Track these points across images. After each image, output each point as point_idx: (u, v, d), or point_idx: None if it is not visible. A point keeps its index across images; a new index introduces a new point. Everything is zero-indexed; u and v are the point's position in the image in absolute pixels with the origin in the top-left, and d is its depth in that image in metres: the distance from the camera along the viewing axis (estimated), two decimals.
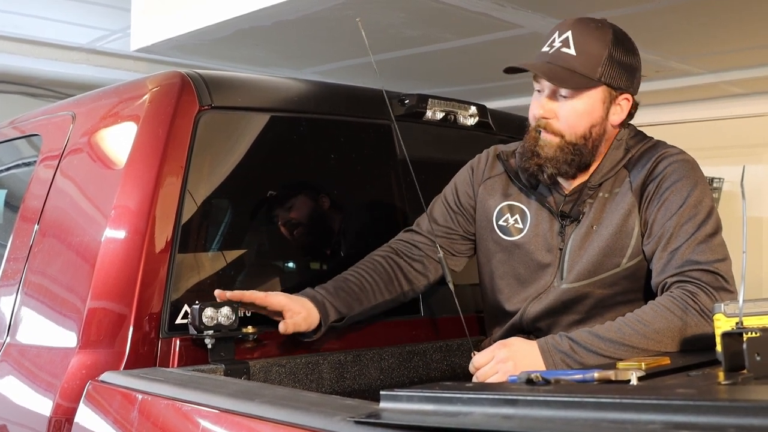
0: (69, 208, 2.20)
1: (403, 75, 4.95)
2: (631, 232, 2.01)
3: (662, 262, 1.94)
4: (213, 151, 2.14)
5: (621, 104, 2.06)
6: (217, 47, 4.35)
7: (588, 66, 1.99)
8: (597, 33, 2.02)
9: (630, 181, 2.05)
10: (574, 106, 2.02)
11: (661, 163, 2.02)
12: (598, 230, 2.04)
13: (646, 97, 5.49)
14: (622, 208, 2.03)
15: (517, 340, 1.93)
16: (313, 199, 2.39)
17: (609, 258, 2.02)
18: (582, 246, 2.05)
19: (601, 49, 2.00)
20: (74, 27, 5.14)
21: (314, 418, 1.31)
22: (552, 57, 2.01)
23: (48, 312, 2.09)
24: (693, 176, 2.01)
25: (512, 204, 2.20)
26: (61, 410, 1.84)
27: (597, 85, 2.01)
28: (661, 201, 1.98)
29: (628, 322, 1.86)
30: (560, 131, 2.03)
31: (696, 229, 1.93)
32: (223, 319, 1.95)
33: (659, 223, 1.97)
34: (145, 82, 2.23)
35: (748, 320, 1.42)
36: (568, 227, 2.09)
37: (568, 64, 1.99)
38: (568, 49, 2.00)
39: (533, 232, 2.14)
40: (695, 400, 1.00)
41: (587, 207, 2.08)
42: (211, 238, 2.15)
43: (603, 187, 2.08)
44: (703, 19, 3.70)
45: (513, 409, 1.13)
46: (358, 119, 2.44)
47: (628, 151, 2.08)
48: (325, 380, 2.12)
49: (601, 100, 2.03)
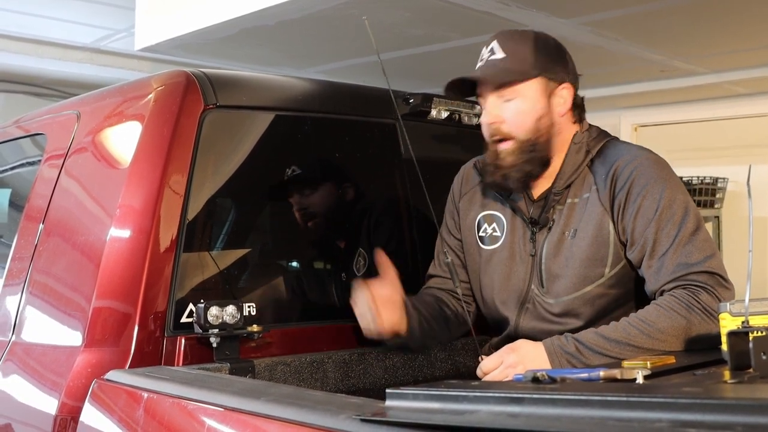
0: (74, 207, 2.20)
1: (408, 74, 4.95)
2: (606, 240, 2.01)
3: (653, 270, 1.94)
4: (218, 150, 2.14)
5: (562, 94, 2.09)
6: (221, 46, 4.35)
7: (519, 62, 2.04)
8: (519, 35, 2.09)
9: (596, 186, 2.05)
10: (517, 105, 2.04)
11: (626, 168, 2.01)
12: (574, 240, 2.04)
13: (650, 97, 5.53)
14: (593, 217, 2.03)
15: (525, 344, 1.94)
16: (316, 198, 2.39)
17: (591, 269, 2.03)
18: (557, 254, 2.06)
19: (527, 46, 2.06)
20: (78, 26, 5.14)
21: (320, 417, 1.31)
22: (483, 67, 2.07)
23: (53, 311, 2.09)
24: (660, 175, 2.00)
25: (489, 213, 2.22)
26: (67, 409, 1.84)
27: (532, 77, 2.04)
28: (636, 208, 1.97)
29: (633, 322, 1.87)
30: (510, 133, 2.05)
31: (678, 230, 1.93)
32: (228, 317, 1.95)
33: (639, 231, 1.96)
34: (149, 81, 2.23)
35: (754, 319, 1.42)
36: (538, 234, 2.11)
37: (500, 67, 2.04)
38: (496, 54, 2.05)
39: (509, 240, 2.16)
40: (702, 398, 1.00)
41: (556, 213, 2.09)
42: (216, 236, 2.15)
43: (570, 192, 2.08)
44: (708, 19, 3.70)
45: (519, 408, 1.13)
46: (363, 118, 2.44)
47: (589, 152, 2.09)
48: (330, 379, 2.12)
49: (540, 92, 2.06)
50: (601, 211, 2.02)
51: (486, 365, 1.93)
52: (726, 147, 5.67)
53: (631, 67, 4.72)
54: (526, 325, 2.11)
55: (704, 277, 1.88)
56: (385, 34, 3.99)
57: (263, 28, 3.91)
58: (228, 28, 3.89)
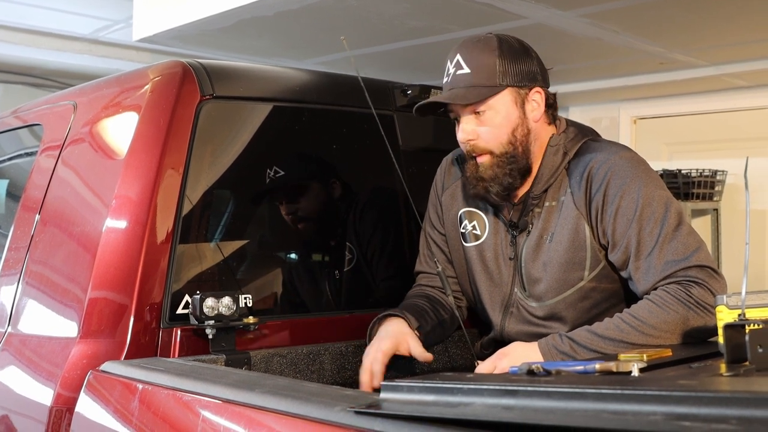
0: (70, 197, 2.19)
1: (407, 66, 4.94)
2: (583, 244, 2.01)
3: (641, 271, 1.93)
4: (214, 141, 2.14)
5: (534, 99, 2.06)
6: (220, 37, 4.34)
7: (485, 76, 2.01)
8: (482, 45, 2.04)
9: (570, 189, 2.03)
10: (490, 119, 2.02)
11: (600, 169, 1.99)
12: (550, 243, 2.04)
13: (650, 90, 5.52)
14: (568, 221, 2.02)
15: (518, 347, 1.94)
16: (314, 190, 2.39)
17: (570, 273, 2.02)
18: (536, 258, 2.06)
19: (490, 57, 2.02)
20: (77, 17, 5.13)
21: (314, 409, 1.31)
22: (452, 83, 2.04)
23: (49, 302, 2.09)
24: (635, 174, 1.98)
25: (471, 210, 2.22)
26: (62, 400, 1.84)
27: (500, 90, 2.01)
28: (614, 209, 1.95)
29: (625, 319, 1.86)
30: (487, 148, 2.04)
31: (661, 228, 1.91)
32: (224, 309, 1.95)
33: (620, 232, 1.95)
34: (146, 71, 2.22)
35: (750, 312, 1.42)
36: (518, 237, 2.10)
37: (467, 82, 2.01)
38: (461, 69, 2.02)
39: (491, 240, 2.16)
40: (697, 391, 1.00)
41: (535, 217, 2.08)
42: (212, 228, 2.15)
43: (548, 195, 2.07)
44: (708, 11, 3.69)
45: (513, 400, 1.13)
46: (360, 109, 2.43)
47: (566, 154, 2.07)
48: (327, 371, 2.12)
49: (512, 102, 2.03)
50: (576, 215, 2.01)
51: (480, 371, 1.93)
52: (725, 140, 5.67)
53: (630, 59, 4.71)
54: (512, 328, 2.12)
55: (695, 271, 1.87)
56: (384, 25, 3.98)
57: (262, 18, 3.90)
58: (226, 18, 3.87)
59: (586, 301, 2.03)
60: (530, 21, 3.76)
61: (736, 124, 5.60)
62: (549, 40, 4.05)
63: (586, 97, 5.77)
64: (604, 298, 2.05)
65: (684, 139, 5.83)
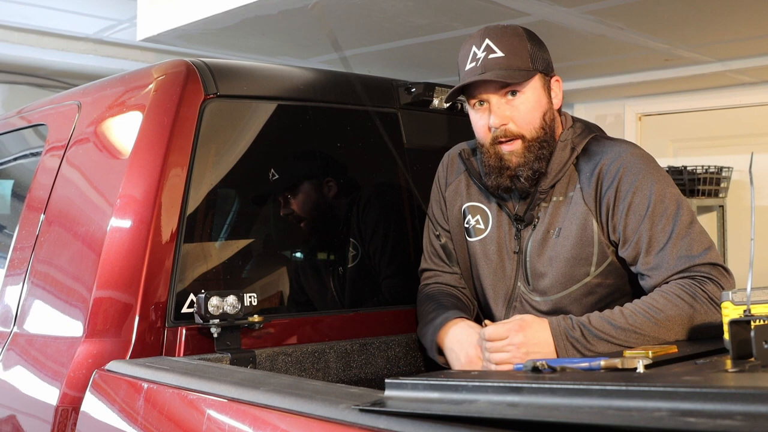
0: (75, 197, 2.20)
1: (411, 63, 4.94)
2: (591, 240, 2.00)
3: (652, 266, 1.93)
4: (218, 139, 2.14)
5: (556, 87, 2.10)
6: (224, 36, 4.34)
7: (520, 60, 2.02)
8: (510, 31, 2.05)
9: (580, 185, 2.03)
10: (524, 102, 2.03)
11: (611, 166, 2.00)
12: (557, 238, 2.04)
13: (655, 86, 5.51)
14: (577, 216, 2.02)
15: (533, 324, 1.89)
16: (319, 188, 2.39)
17: (577, 268, 2.02)
18: (542, 252, 2.06)
19: (521, 42, 2.04)
20: (81, 17, 5.14)
21: (319, 407, 1.31)
22: (484, 67, 2.02)
23: (54, 301, 2.10)
24: (647, 170, 1.98)
25: (474, 205, 2.22)
26: (68, 399, 1.84)
27: (534, 75, 2.04)
28: (626, 205, 1.95)
29: (639, 309, 1.86)
30: (519, 132, 2.03)
31: (674, 224, 1.91)
32: (229, 308, 1.95)
33: (631, 228, 1.95)
34: (150, 71, 2.22)
35: (755, 308, 1.42)
36: (523, 231, 2.10)
37: (504, 65, 2.01)
38: (494, 53, 2.02)
39: (495, 234, 2.16)
40: (702, 387, 0.99)
41: (541, 211, 2.08)
42: (217, 227, 2.15)
43: (556, 190, 2.07)
44: (712, 7, 3.68)
45: (518, 397, 1.13)
46: (365, 108, 2.43)
47: (574, 150, 2.07)
48: (332, 369, 2.12)
49: (542, 87, 2.06)
50: (585, 211, 2.01)
51: (491, 333, 1.90)
52: (731, 136, 5.65)
53: (635, 56, 4.70)
54: None
55: (707, 269, 1.88)
56: (388, 23, 3.97)
57: (265, 17, 3.90)
58: (230, 17, 3.87)
59: (591, 297, 2.03)
60: (534, 18, 3.76)
61: (742, 121, 5.58)
62: (553, 37, 4.04)
63: (591, 94, 5.76)
64: (609, 293, 2.04)
65: (689, 135, 5.81)
